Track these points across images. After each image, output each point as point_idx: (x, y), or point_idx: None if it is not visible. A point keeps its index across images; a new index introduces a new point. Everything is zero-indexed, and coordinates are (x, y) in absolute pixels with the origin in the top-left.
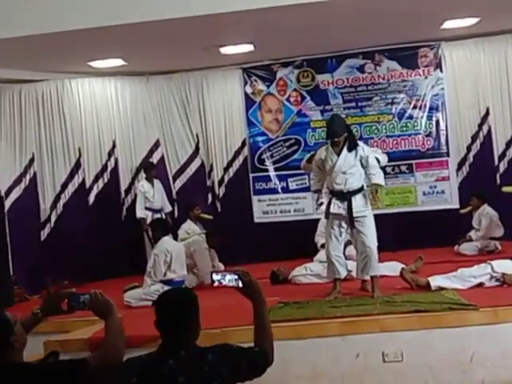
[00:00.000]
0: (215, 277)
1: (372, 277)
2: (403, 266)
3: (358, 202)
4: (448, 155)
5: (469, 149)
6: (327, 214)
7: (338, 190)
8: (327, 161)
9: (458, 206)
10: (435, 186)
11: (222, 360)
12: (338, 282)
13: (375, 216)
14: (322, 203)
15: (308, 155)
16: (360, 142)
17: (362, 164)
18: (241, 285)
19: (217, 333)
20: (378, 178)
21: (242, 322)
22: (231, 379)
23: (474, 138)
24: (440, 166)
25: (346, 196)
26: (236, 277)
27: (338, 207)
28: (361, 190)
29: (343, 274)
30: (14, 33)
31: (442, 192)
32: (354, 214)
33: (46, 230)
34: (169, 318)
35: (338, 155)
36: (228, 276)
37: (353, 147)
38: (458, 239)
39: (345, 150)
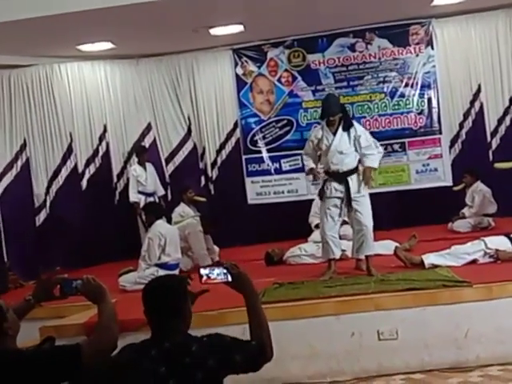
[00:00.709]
0: (203, 271)
1: (367, 256)
2: (397, 244)
3: (354, 182)
4: (440, 133)
5: (461, 126)
6: (321, 195)
7: (334, 171)
8: (323, 140)
9: (451, 184)
10: (428, 164)
11: (208, 351)
12: (333, 262)
13: (369, 195)
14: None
15: None
16: (354, 122)
17: (354, 144)
18: (230, 278)
19: (214, 315)
20: (372, 160)
21: (239, 303)
22: (221, 372)
23: (466, 115)
24: (432, 143)
25: (342, 176)
26: (225, 270)
27: (335, 190)
28: (356, 169)
29: (338, 254)
30: (2, 18)
31: (435, 170)
32: (352, 195)
33: (41, 216)
34: (153, 307)
35: (334, 135)
36: (216, 270)
37: (348, 127)
38: (452, 216)
39: (340, 130)
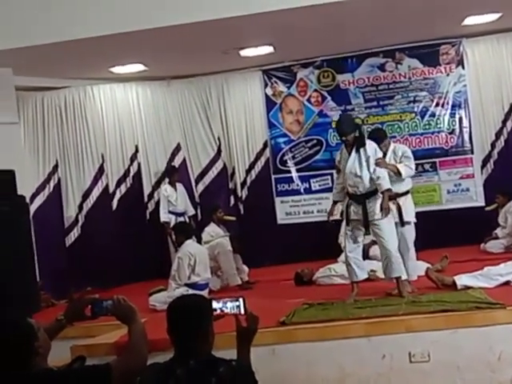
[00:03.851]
0: (216, 305)
1: (397, 278)
2: (429, 265)
3: (372, 205)
4: (472, 152)
5: (493, 146)
6: (347, 220)
7: (352, 193)
8: (341, 162)
9: (483, 204)
10: (460, 184)
11: (236, 375)
12: (356, 285)
13: None
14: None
15: None
16: (369, 141)
17: (367, 165)
18: (243, 311)
19: None
20: (385, 183)
21: (268, 323)
22: None
23: (498, 135)
24: (464, 163)
25: (360, 199)
26: (237, 303)
27: (354, 212)
28: (375, 192)
29: (361, 276)
30: (36, 41)
31: (467, 190)
32: (370, 218)
33: (72, 236)
34: (177, 326)
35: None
36: (229, 303)
37: (359, 147)
38: (484, 237)
39: (354, 151)
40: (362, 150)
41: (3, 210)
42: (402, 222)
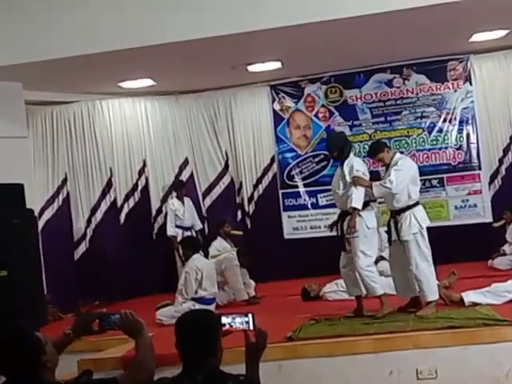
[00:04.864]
0: (225, 320)
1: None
2: (436, 281)
3: (346, 222)
4: (480, 168)
5: (501, 162)
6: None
7: (340, 209)
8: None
9: (491, 220)
10: (467, 200)
11: None
12: (361, 299)
13: None
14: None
15: None
16: (349, 159)
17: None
18: (252, 327)
19: None
20: (351, 201)
21: (275, 339)
22: None
23: (505, 151)
24: (472, 179)
25: (343, 215)
26: (246, 319)
27: (340, 228)
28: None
29: (352, 293)
30: (46, 56)
31: (475, 206)
32: (346, 235)
33: (80, 250)
34: (185, 340)
35: None
36: (238, 319)
37: (341, 164)
38: (492, 253)
39: (339, 168)
40: (341, 168)
41: (12, 224)
42: (391, 240)
